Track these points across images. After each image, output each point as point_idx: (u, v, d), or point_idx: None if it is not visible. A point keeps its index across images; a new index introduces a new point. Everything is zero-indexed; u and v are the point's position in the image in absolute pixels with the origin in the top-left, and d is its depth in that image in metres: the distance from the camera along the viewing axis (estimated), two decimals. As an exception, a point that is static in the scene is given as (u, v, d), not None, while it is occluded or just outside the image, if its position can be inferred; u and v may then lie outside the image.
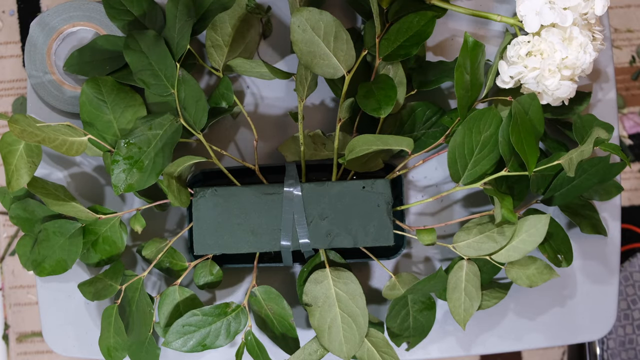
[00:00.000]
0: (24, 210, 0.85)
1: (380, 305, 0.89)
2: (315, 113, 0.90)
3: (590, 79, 0.91)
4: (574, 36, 0.77)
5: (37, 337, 1.59)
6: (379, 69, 0.84)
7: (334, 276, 0.81)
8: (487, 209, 0.89)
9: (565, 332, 0.89)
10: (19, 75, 1.63)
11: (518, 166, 0.78)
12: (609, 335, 1.17)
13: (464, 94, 0.78)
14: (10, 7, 1.64)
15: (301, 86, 0.83)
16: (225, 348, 0.89)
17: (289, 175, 0.83)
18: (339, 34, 0.79)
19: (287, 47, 0.92)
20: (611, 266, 0.90)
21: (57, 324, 0.90)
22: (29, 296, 1.59)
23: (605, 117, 0.90)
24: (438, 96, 0.90)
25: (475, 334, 0.89)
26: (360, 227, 0.81)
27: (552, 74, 0.78)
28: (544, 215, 0.79)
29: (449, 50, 0.91)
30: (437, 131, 0.86)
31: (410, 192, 0.90)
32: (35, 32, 0.89)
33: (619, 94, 1.59)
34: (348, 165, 0.83)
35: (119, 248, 0.85)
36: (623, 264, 1.19)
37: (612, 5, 1.59)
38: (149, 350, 0.85)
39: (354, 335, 0.80)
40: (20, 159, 0.78)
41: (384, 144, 0.78)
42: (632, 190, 1.59)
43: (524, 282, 0.83)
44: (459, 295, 0.82)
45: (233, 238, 0.82)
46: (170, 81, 0.82)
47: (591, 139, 0.75)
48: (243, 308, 0.82)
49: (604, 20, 0.90)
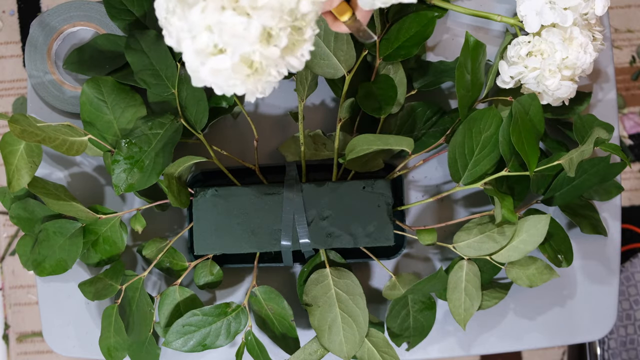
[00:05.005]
0: (24, 210, 0.85)
1: (380, 305, 0.89)
2: (315, 113, 0.90)
3: (591, 79, 0.91)
4: (574, 36, 0.77)
5: (37, 337, 1.59)
6: (379, 69, 0.84)
7: (334, 276, 0.81)
8: (487, 209, 0.89)
9: (565, 332, 0.89)
10: (19, 75, 1.63)
11: (518, 166, 0.78)
12: (610, 335, 1.17)
13: (464, 94, 0.78)
14: (10, 7, 1.64)
15: (301, 86, 0.83)
16: (226, 348, 0.89)
17: (289, 175, 0.83)
18: (339, 34, 0.79)
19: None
20: (611, 266, 0.90)
21: (57, 324, 0.90)
22: (29, 296, 1.59)
23: (605, 117, 0.90)
24: (438, 96, 0.90)
25: (475, 334, 0.89)
26: (361, 227, 0.81)
27: (553, 74, 0.78)
28: (544, 215, 0.79)
29: (449, 50, 0.91)
30: (437, 131, 0.86)
31: (410, 192, 0.90)
32: (36, 32, 0.89)
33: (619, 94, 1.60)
34: (348, 165, 0.83)
35: (119, 248, 0.85)
36: (624, 264, 1.19)
37: (612, 5, 1.59)
38: (149, 350, 0.85)
39: (354, 335, 0.80)
40: (20, 159, 0.78)
41: (384, 143, 0.78)
42: (632, 190, 1.59)
43: (524, 282, 0.83)
44: (459, 295, 0.82)
45: (233, 238, 0.82)
46: (171, 81, 0.82)
47: (591, 139, 0.75)
48: (243, 308, 0.82)
49: (604, 20, 0.90)
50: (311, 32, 0.58)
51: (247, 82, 0.57)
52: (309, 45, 0.58)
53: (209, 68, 0.55)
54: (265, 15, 0.54)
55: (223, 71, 0.55)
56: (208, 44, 0.55)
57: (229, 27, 0.53)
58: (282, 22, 0.55)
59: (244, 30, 0.54)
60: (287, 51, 0.57)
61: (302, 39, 0.58)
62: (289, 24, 0.56)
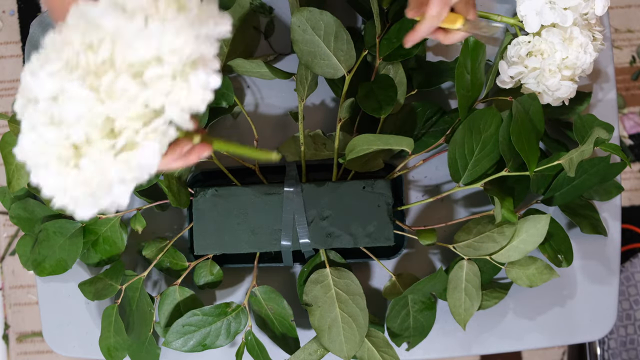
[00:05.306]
0: (24, 210, 0.85)
1: (380, 305, 0.89)
2: (315, 113, 0.90)
3: (591, 79, 0.91)
4: (574, 36, 0.77)
5: (37, 337, 1.59)
6: (379, 69, 0.84)
7: (334, 276, 0.81)
8: (487, 209, 0.89)
9: (565, 332, 0.89)
10: (19, 75, 1.63)
11: (518, 166, 0.78)
12: (610, 335, 1.17)
13: (464, 94, 0.78)
14: (10, 7, 1.64)
15: (301, 86, 0.83)
16: (225, 348, 0.89)
17: (289, 175, 0.83)
18: (339, 34, 0.79)
19: (287, 47, 0.92)
20: (611, 266, 0.90)
21: (57, 324, 0.90)
22: (29, 296, 1.59)
23: (605, 117, 0.90)
24: (438, 96, 0.90)
25: (475, 334, 0.89)
26: (361, 227, 0.81)
27: (553, 74, 0.78)
28: (544, 215, 0.79)
29: (449, 50, 0.91)
30: (437, 131, 0.86)
31: (410, 192, 0.90)
32: (36, 32, 0.89)
33: (619, 94, 1.60)
34: (348, 165, 0.83)
35: (119, 248, 0.85)
36: (624, 264, 1.18)
37: (612, 5, 1.59)
38: (149, 350, 0.84)
39: (354, 335, 0.80)
40: (20, 159, 0.78)
41: (384, 143, 0.78)
42: (632, 190, 1.59)
43: (524, 282, 0.83)
44: (459, 295, 0.82)
45: (233, 238, 0.82)
46: (171, 81, 0.82)
47: (591, 139, 0.75)
48: (243, 308, 0.82)
49: (604, 20, 0.90)
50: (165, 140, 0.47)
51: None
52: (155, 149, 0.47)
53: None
54: (119, 105, 0.45)
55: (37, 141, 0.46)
56: (46, 111, 0.46)
57: (71, 98, 0.44)
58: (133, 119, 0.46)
59: (87, 110, 0.45)
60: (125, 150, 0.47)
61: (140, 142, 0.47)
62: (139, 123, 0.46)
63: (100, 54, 0.45)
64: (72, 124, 0.46)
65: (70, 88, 0.45)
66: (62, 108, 0.45)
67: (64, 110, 0.45)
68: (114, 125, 0.47)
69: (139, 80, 0.46)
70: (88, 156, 0.47)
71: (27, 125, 0.47)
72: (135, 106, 0.46)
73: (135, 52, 0.45)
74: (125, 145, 0.47)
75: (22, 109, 0.48)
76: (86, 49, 0.45)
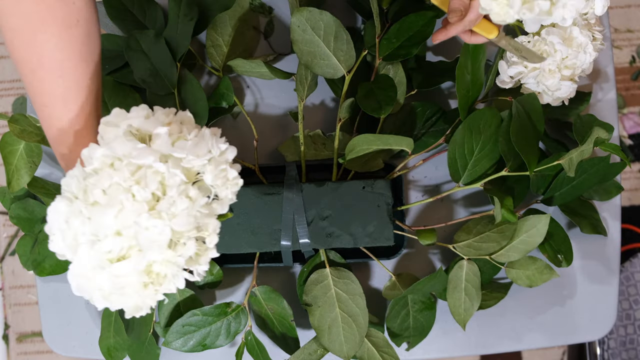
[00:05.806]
0: (24, 210, 0.85)
1: (380, 305, 0.89)
2: (315, 113, 0.90)
3: (590, 79, 0.91)
4: (574, 36, 0.77)
5: (37, 337, 1.59)
6: (379, 69, 0.84)
7: (334, 276, 0.81)
8: (487, 209, 0.89)
9: (565, 332, 0.89)
10: (19, 76, 1.63)
11: (518, 166, 0.78)
12: (609, 335, 1.17)
13: (464, 94, 0.78)
14: (10, 7, 1.64)
15: (301, 86, 0.83)
16: (225, 348, 0.89)
17: (289, 175, 0.83)
18: (339, 34, 0.79)
19: (287, 47, 0.92)
20: (611, 266, 0.90)
21: (57, 324, 0.90)
22: (29, 296, 1.59)
23: (605, 117, 0.90)
24: (438, 96, 0.90)
25: (475, 334, 0.89)
26: (361, 227, 0.81)
27: (552, 74, 0.78)
28: (544, 215, 0.79)
29: (449, 50, 0.91)
30: (437, 131, 0.86)
31: (410, 192, 0.90)
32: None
33: (619, 94, 1.60)
34: (348, 165, 0.83)
35: (119, 248, 0.85)
36: (624, 264, 1.19)
37: (612, 5, 1.59)
38: (149, 350, 0.85)
39: (354, 335, 0.80)
40: (20, 159, 0.78)
41: (384, 143, 0.78)
42: (632, 190, 1.59)
43: (524, 282, 0.83)
44: (459, 295, 0.82)
45: (233, 238, 0.82)
46: (171, 81, 0.82)
47: (591, 139, 0.75)
48: (243, 308, 0.82)
49: (604, 20, 0.90)
50: (215, 240, 0.57)
51: (142, 292, 0.55)
52: (213, 253, 0.58)
53: (110, 273, 0.53)
54: (181, 222, 0.52)
55: (122, 278, 0.53)
56: (112, 248, 0.52)
57: (144, 229, 0.52)
58: (192, 230, 0.54)
59: (158, 234, 0.52)
60: (190, 262, 0.56)
61: (204, 248, 0.56)
62: (195, 234, 0.55)
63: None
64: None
65: (143, 222, 0.53)
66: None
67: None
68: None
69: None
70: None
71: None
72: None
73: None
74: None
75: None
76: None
